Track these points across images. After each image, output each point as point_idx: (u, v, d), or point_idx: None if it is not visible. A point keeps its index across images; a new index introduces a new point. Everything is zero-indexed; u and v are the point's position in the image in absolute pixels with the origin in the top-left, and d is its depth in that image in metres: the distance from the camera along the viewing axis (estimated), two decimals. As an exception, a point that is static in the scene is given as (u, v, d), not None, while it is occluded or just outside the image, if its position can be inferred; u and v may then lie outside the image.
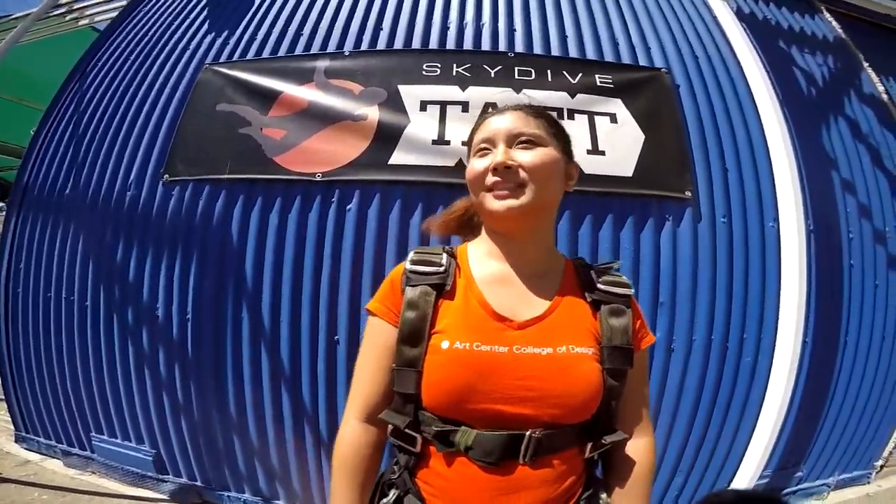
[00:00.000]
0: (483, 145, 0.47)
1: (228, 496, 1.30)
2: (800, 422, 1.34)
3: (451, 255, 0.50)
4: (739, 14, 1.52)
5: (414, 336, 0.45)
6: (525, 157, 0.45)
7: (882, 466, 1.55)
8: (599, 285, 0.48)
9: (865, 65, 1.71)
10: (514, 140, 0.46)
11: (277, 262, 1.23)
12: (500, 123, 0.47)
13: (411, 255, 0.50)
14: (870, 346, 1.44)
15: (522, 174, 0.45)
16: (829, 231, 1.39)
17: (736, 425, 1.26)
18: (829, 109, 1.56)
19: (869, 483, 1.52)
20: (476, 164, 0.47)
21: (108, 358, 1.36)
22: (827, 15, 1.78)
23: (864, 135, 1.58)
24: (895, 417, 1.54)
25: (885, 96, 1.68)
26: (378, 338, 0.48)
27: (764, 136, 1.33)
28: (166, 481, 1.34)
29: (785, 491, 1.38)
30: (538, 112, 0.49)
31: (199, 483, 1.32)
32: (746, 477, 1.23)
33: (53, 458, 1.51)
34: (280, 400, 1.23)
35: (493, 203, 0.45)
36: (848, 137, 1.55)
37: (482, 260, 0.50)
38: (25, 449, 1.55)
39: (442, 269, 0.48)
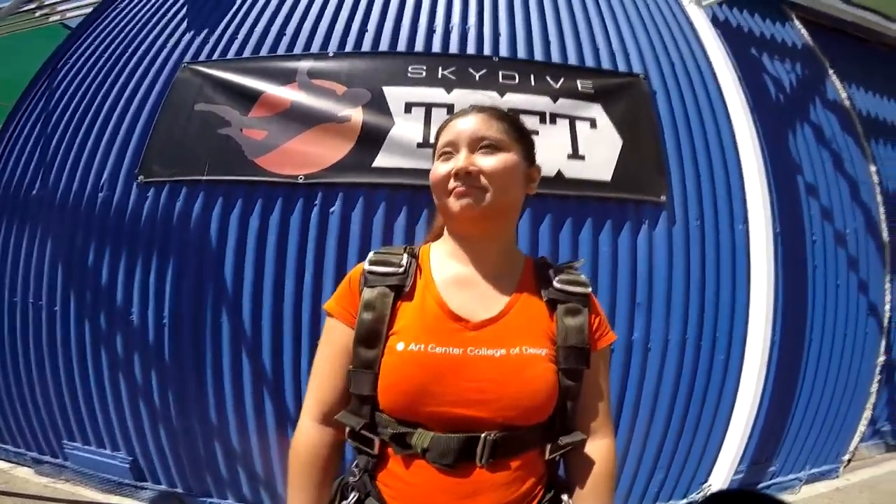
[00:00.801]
0: (446, 148, 0.47)
1: (211, 502, 1.28)
2: (771, 417, 1.40)
3: (413, 255, 0.50)
4: (715, 21, 1.58)
5: (371, 338, 0.45)
6: (486, 162, 0.45)
7: (849, 460, 1.63)
8: (556, 284, 0.48)
9: (830, 72, 1.80)
10: (476, 144, 0.46)
11: (258, 265, 1.21)
12: (463, 125, 0.47)
13: (371, 255, 0.50)
14: (833, 343, 1.53)
15: (483, 179, 0.45)
16: (794, 233, 1.47)
17: (711, 421, 1.31)
18: (795, 115, 1.64)
19: (838, 477, 1.59)
20: (439, 168, 0.47)
21: (80, 364, 1.32)
22: (797, 23, 1.87)
23: (828, 140, 1.67)
24: (859, 412, 1.63)
25: (847, 102, 1.78)
26: (334, 339, 0.48)
27: (735, 142, 1.40)
28: (145, 488, 1.31)
29: (759, 486, 1.44)
30: (501, 115, 0.48)
31: (179, 490, 1.29)
32: (723, 471, 1.28)
33: (23, 465, 1.44)
34: (262, 405, 1.21)
35: (453, 204, 0.45)
36: (812, 143, 1.63)
37: (443, 261, 0.50)
38: None
39: (401, 269, 0.47)
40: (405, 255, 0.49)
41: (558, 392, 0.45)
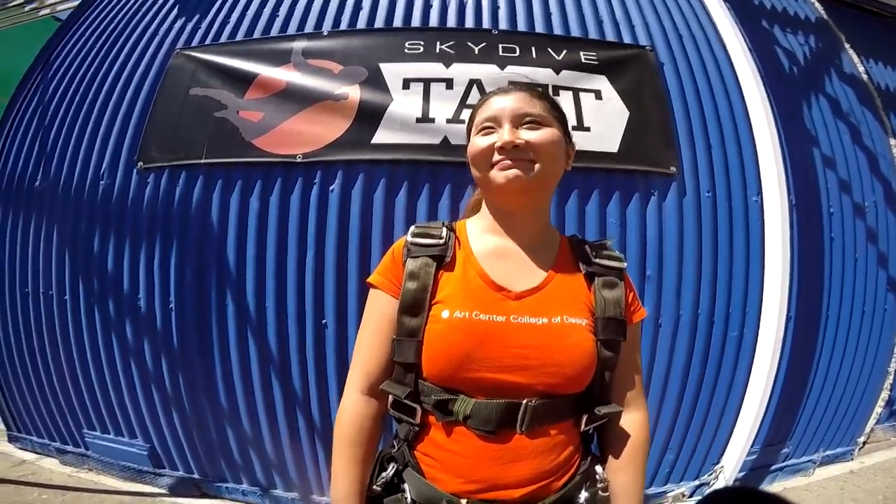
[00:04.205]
0: (487, 124, 0.47)
1: (227, 487, 1.29)
2: (785, 397, 1.36)
3: (451, 229, 0.51)
4: (723, -8, 1.52)
5: (415, 306, 0.45)
6: (532, 135, 0.45)
7: (864, 443, 1.58)
8: (594, 258, 0.50)
9: (847, 45, 1.73)
10: (520, 120, 0.46)
11: (260, 246, 1.20)
12: (505, 103, 0.47)
13: (412, 228, 0.51)
14: (850, 320, 1.47)
15: (530, 152, 0.45)
16: (810, 205, 1.41)
17: (724, 400, 1.28)
18: (810, 88, 1.57)
19: (852, 459, 1.55)
20: (479, 142, 0.47)
21: (93, 352, 1.33)
22: (810, -5, 1.79)
23: (845, 113, 1.60)
24: (876, 393, 1.57)
25: (864, 76, 1.70)
26: (379, 310, 0.49)
27: (747, 113, 1.34)
28: (163, 475, 1.33)
29: (772, 467, 1.41)
30: (542, 94, 0.49)
31: (196, 476, 1.31)
32: (736, 452, 1.25)
33: (49, 456, 1.48)
34: (270, 387, 1.21)
35: (498, 176, 0.45)
36: (829, 115, 1.57)
37: (481, 235, 0.51)
38: (20, 448, 1.52)
39: (442, 241, 0.48)
40: (444, 229, 0.50)
41: (597, 362, 0.45)
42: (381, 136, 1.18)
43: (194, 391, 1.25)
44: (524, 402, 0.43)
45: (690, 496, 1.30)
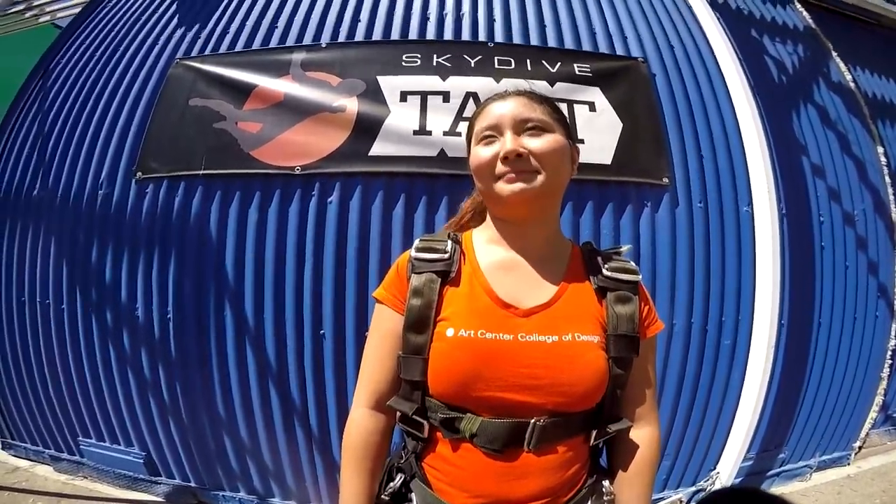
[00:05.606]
0: (488, 132, 0.45)
1: (223, 496, 1.29)
2: (779, 403, 1.38)
3: (456, 241, 0.50)
4: (713, 4, 1.55)
5: (419, 323, 0.45)
6: (535, 143, 0.44)
7: (860, 447, 1.59)
8: (605, 271, 0.47)
9: (834, 54, 1.77)
10: (521, 126, 0.44)
11: (258, 257, 1.21)
12: (505, 109, 0.45)
13: (416, 242, 0.50)
14: (842, 326, 1.49)
15: (534, 161, 0.43)
16: (800, 214, 1.44)
17: (719, 407, 1.29)
18: (799, 97, 1.60)
19: (849, 464, 1.56)
20: (482, 152, 0.45)
21: (90, 361, 1.33)
22: (798, 5, 1.83)
23: (833, 122, 1.63)
24: (870, 397, 1.59)
25: (852, 85, 1.74)
26: (384, 325, 0.48)
27: (737, 123, 1.37)
28: (159, 483, 1.32)
29: (769, 473, 1.42)
30: (541, 98, 0.47)
31: (192, 484, 1.31)
32: (732, 458, 1.26)
33: (43, 463, 1.47)
34: (268, 397, 1.22)
35: (504, 189, 0.44)
36: (817, 124, 1.60)
37: (487, 246, 0.49)
38: (13, 456, 1.51)
39: (446, 255, 0.47)
40: (449, 242, 0.49)
41: (608, 379, 0.44)
42: (379, 148, 1.19)
43: (192, 400, 1.25)
44: (532, 421, 0.42)
45: (688, 502, 1.30)
